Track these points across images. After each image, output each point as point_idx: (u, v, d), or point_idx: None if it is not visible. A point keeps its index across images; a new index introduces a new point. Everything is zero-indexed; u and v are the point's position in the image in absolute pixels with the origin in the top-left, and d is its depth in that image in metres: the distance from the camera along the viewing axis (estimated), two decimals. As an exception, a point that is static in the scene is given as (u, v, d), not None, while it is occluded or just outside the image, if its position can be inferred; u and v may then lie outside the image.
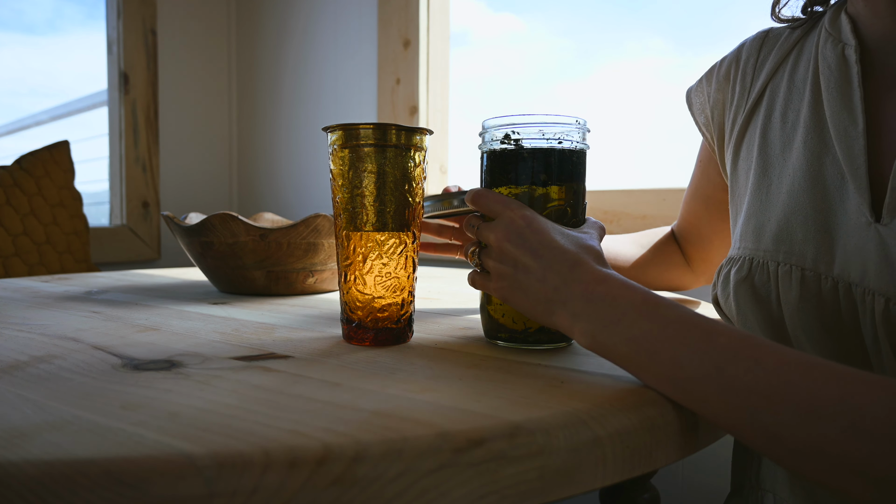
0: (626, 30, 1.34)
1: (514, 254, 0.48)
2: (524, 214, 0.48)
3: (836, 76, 0.55)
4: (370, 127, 0.49)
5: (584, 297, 0.44)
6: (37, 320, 0.62)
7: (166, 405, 0.35)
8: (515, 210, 0.49)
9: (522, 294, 0.47)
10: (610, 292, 0.43)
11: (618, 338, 0.41)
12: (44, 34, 3.68)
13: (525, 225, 0.48)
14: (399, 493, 0.29)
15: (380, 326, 0.51)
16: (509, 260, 0.48)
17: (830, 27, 0.58)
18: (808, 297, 0.53)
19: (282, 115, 1.81)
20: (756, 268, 0.57)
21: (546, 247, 0.47)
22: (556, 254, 0.46)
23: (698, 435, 0.40)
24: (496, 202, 0.50)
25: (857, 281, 0.50)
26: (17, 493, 0.26)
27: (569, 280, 0.45)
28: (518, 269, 0.47)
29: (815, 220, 0.54)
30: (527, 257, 0.47)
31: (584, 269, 0.45)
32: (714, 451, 1.04)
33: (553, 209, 0.51)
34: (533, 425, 0.33)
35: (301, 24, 1.75)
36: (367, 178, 0.50)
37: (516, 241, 0.48)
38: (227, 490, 0.27)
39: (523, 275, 0.47)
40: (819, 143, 0.55)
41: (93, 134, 2.05)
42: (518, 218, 0.48)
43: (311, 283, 0.81)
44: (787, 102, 0.60)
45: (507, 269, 0.48)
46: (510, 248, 0.48)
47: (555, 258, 0.46)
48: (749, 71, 0.65)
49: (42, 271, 1.32)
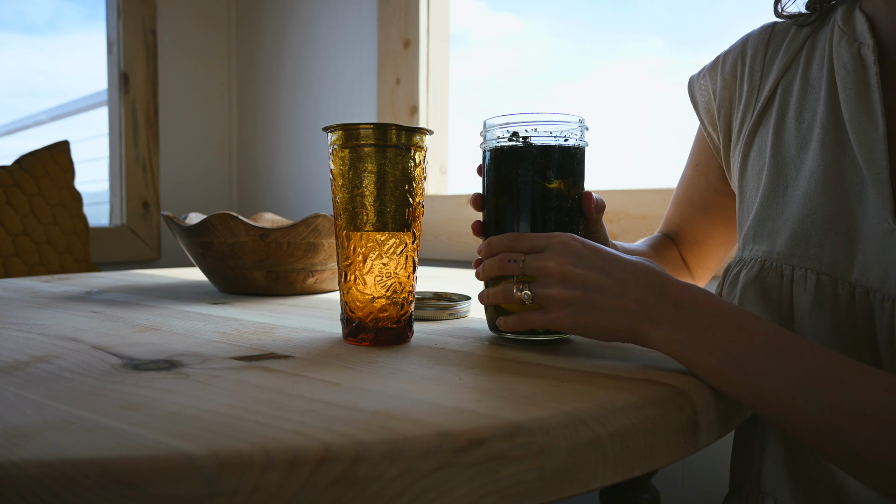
0: (625, 30, 1.34)
1: (580, 275, 0.46)
2: (574, 237, 0.47)
3: (853, 77, 0.54)
4: (370, 127, 0.49)
5: (673, 305, 0.43)
6: (37, 320, 0.62)
7: (166, 405, 0.35)
8: (562, 236, 0.47)
9: (599, 313, 0.45)
10: (696, 300, 0.43)
11: (707, 346, 0.41)
12: (44, 34, 3.67)
13: (581, 246, 0.47)
14: (399, 493, 0.29)
15: (380, 326, 0.51)
16: (577, 283, 0.46)
17: (843, 25, 0.56)
18: (822, 302, 0.52)
19: (282, 115, 1.81)
20: (768, 270, 0.56)
21: (613, 263, 0.46)
22: (626, 267, 0.45)
23: (698, 435, 0.40)
24: (537, 237, 0.49)
25: (877, 286, 0.49)
26: (17, 493, 0.26)
27: (651, 290, 0.44)
28: (589, 290, 0.45)
29: (832, 224, 0.53)
30: (597, 275, 0.45)
31: (663, 278, 0.44)
32: (714, 452, 1.04)
33: (560, 206, 0.52)
34: (533, 425, 0.33)
35: (301, 24, 1.75)
36: (368, 178, 0.50)
37: (580, 263, 0.46)
38: (228, 490, 0.27)
39: (596, 294, 0.45)
40: (837, 146, 0.54)
41: (93, 134, 2.05)
42: (570, 241, 0.47)
43: (311, 283, 0.81)
44: (802, 102, 0.58)
45: (576, 292, 0.46)
46: (575, 270, 0.46)
47: (628, 272, 0.45)
48: (757, 68, 0.63)
49: (42, 271, 1.32)
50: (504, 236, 0.50)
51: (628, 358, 0.48)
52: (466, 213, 1.38)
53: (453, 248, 1.40)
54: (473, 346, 0.52)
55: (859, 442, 0.36)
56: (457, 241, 1.40)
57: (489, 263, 0.51)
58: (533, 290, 0.48)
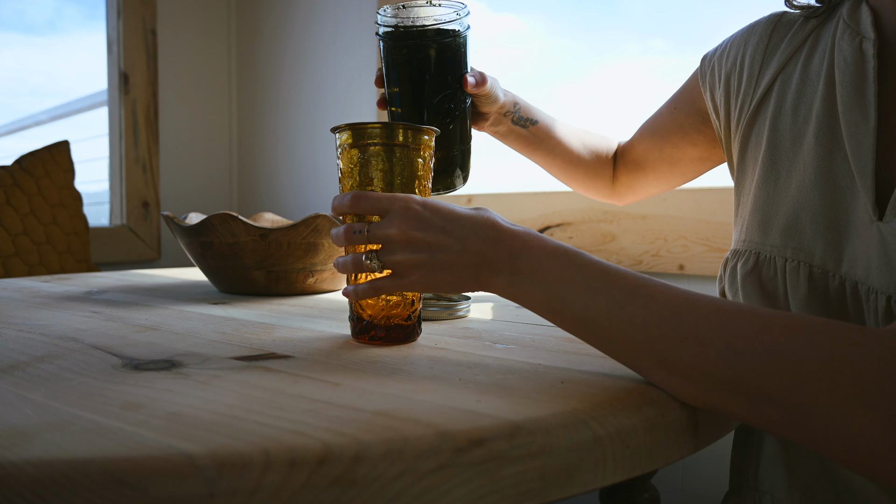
0: (625, 30, 1.34)
1: (424, 238, 0.47)
2: (414, 199, 0.48)
3: (851, 70, 0.54)
4: (378, 126, 0.50)
5: (507, 254, 0.46)
6: (37, 320, 0.62)
7: (166, 405, 0.35)
8: (403, 199, 0.48)
9: (447, 272, 0.47)
10: (526, 246, 0.46)
11: (535, 286, 0.44)
12: (44, 34, 3.68)
13: (421, 208, 0.48)
14: (399, 493, 0.29)
15: (391, 324, 0.52)
16: (422, 246, 0.47)
17: (849, 19, 0.56)
18: (815, 294, 0.53)
19: (281, 115, 1.81)
20: (763, 262, 0.57)
21: (453, 221, 0.47)
22: (465, 223, 0.47)
23: (698, 435, 0.40)
24: (378, 199, 0.49)
25: (863, 279, 0.50)
26: (17, 493, 0.26)
27: (489, 242, 0.47)
28: (434, 251, 0.47)
29: (824, 217, 0.53)
30: (439, 236, 0.47)
31: (499, 228, 0.47)
32: (713, 452, 1.04)
33: (438, 85, 0.61)
34: (533, 425, 0.33)
35: (301, 24, 1.75)
36: (376, 177, 0.50)
37: (421, 227, 0.47)
38: (228, 490, 0.27)
39: (441, 254, 0.47)
40: (831, 139, 0.54)
41: (93, 134, 2.05)
42: (412, 204, 0.48)
43: (311, 283, 0.81)
44: (800, 95, 0.58)
45: (422, 255, 0.47)
46: (418, 234, 0.47)
47: (467, 227, 0.47)
48: (758, 57, 0.63)
49: (42, 271, 1.32)
50: (345, 196, 0.50)
51: (628, 358, 0.48)
52: (466, 213, 1.38)
53: (453, 248, 1.40)
54: (473, 346, 0.52)
55: (667, 350, 0.39)
56: (457, 241, 1.39)
57: (336, 234, 0.52)
58: (381, 258, 0.49)
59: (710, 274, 1.05)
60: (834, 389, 0.34)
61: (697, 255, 1.06)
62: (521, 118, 0.77)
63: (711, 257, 1.05)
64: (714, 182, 1.09)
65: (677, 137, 0.75)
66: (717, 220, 1.04)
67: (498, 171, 1.54)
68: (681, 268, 1.08)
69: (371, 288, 0.50)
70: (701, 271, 1.06)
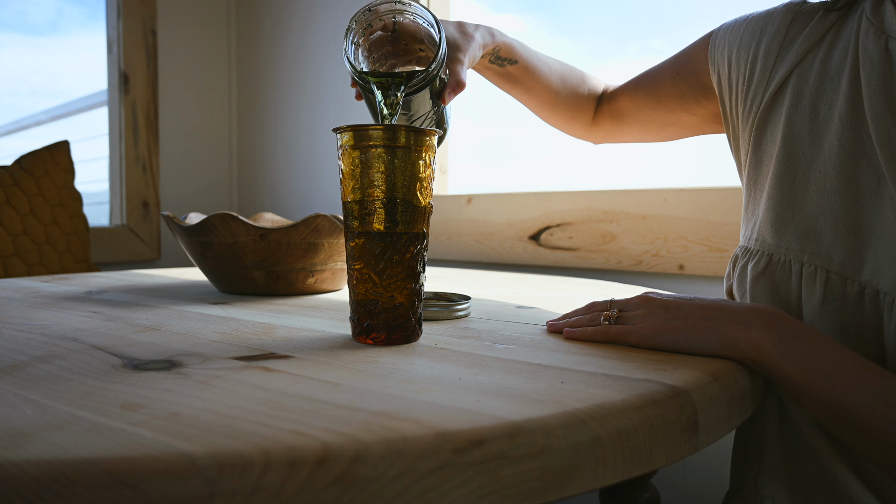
0: (625, 30, 1.34)
1: (662, 301, 0.50)
2: (655, 293, 0.53)
3: (878, 72, 0.52)
4: (380, 128, 0.50)
5: (758, 311, 0.46)
6: (37, 320, 0.62)
7: (166, 405, 0.35)
8: (644, 294, 0.52)
9: (681, 321, 0.48)
10: (780, 313, 0.45)
11: (797, 354, 0.43)
12: (45, 35, 3.68)
13: (662, 296, 0.51)
14: (399, 493, 0.29)
15: (392, 325, 0.52)
16: (659, 305, 0.50)
17: (872, 15, 0.54)
18: (830, 300, 0.52)
19: (281, 115, 1.81)
20: (776, 264, 0.56)
21: (690, 301, 0.50)
22: (701, 300, 0.49)
23: (698, 435, 0.40)
24: (627, 301, 0.53)
25: (888, 289, 0.49)
26: (17, 493, 0.26)
27: (730, 303, 0.48)
28: (669, 309, 0.49)
29: (845, 223, 0.52)
30: (676, 302, 0.50)
31: (739, 302, 0.49)
32: (713, 452, 1.04)
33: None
34: (533, 425, 0.33)
35: (301, 25, 1.75)
36: (378, 179, 0.50)
37: (661, 301, 0.51)
38: (228, 490, 0.27)
39: (676, 309, 0.49)
40: (855, 144, 0.52)
41: (93, 134, 2.05)
42: (650, 293, 0.52)
43: (311, 283, 0.81)
44: (819, 92, 0.56)
45: (657, 310, 0.50)
46: (657, 299, 0.51)
47: (703, 302, 0.49)
48: (774, 48, 0.60)
49: (42, 271, 1.32)
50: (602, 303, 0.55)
51: (628, 358, 0.48)
52: (466, 214, 1.38)
53: (453, 249, 1.40)
54: (473, 346, 0.52)
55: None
56: (457, 241, 1.40)
57: (579, 318, 0.55)
58: (619, 313, 0.52)
59: (710, 274, 1.05)
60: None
61: (697, 255, 1.06)
62: (500, 58, 0.76)
63: (711, 257, 1.05)
64: (714, 182, 1.09)
65: (675, 104, 0.74)
66: (717, 220, 1.04)
67: (498, 171, 1.54)
68: (681, 268, 1.08)
69: (600, 332, 0.52)
70: (701, 271, 1.06)
